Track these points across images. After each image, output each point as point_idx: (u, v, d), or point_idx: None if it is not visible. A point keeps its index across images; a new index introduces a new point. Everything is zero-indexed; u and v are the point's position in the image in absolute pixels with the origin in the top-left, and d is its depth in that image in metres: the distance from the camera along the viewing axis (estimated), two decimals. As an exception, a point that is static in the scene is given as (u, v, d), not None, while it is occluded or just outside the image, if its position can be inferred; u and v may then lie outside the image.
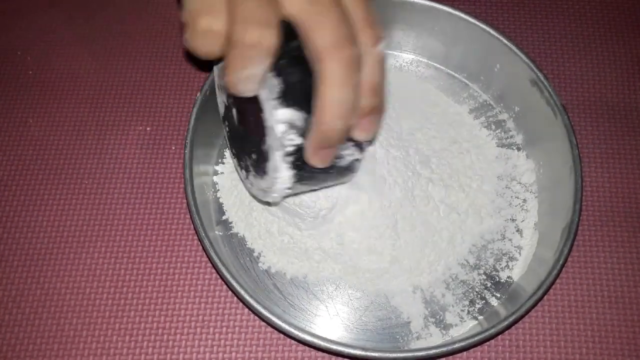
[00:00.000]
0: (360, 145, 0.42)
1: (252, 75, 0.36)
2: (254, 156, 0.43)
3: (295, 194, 0.48)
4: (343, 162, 0.43)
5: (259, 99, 0.38)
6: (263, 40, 0.34)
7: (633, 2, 0.63)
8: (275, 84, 0.37)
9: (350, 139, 0.40)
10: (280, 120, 0.38)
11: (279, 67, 0.36)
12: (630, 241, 0.53)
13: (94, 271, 0.51)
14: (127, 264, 0.52)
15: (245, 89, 0.37)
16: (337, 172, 0.43)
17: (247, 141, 0.44)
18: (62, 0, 0.63)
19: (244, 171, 0.46)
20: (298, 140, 0.39)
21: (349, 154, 0.42)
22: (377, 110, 0.39)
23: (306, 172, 0.41)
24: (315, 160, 0.40)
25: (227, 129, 0.48)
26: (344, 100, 0.36)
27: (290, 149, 0.39)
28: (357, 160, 0.43)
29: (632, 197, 0.54)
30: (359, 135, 0.40)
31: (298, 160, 0.40)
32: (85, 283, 0.51)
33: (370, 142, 0.47)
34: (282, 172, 0.40)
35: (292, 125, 0.38)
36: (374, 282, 0.49)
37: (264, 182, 0.43)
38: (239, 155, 0.47)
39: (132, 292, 0.51)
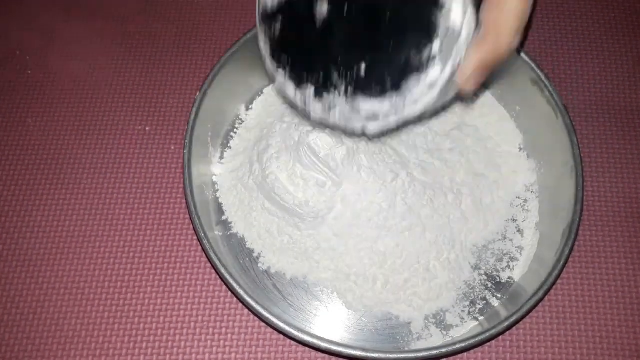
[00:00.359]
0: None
1: None
2: (363, 66, 0.34)
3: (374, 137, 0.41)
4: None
5: None
6: None
7: (634, 2, 0.63)
8: None
9: None
10: (469, 21, 0.33)
11: None
12: (632, 241, 0.52)
13: (93, 272, 0.51)
14: (126, 264, 0.51)
15: None
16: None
17: (358, 47, 0.34)
18: (62, 0, 0.63)
19: (312, 87, 0.37)
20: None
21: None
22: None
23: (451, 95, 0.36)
24: (471, 81, 0.35)
25: (278, 30, 0.37)
26: (527, 14, 0.33)
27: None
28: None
29: (633, 197, 0.54)
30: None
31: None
32: (84, 284, 0.50)
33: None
34: (437, 88, 0.34)
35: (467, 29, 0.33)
36: (374, 282, 0.49)
37: (381, 102, 0.35)
38: (311, 67, 0.36)
39: (131, 293, 0.50)
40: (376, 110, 0.35)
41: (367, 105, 0.35)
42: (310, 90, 0.37)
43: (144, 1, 0.63)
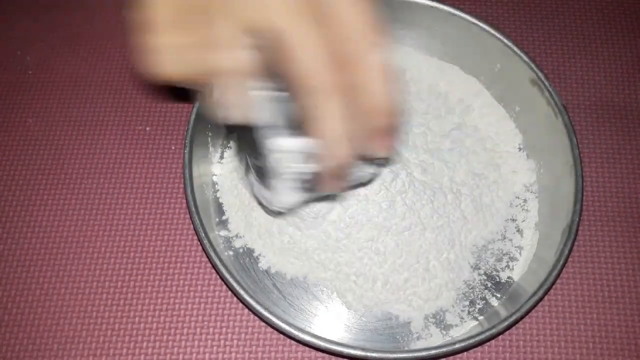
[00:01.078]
0: (379, 163, 0.41)
1: (237, 103, 0.33)
2: (258, 163, 0.39)
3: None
4: (361, 179, 0.41)
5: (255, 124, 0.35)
6: (236, 64, 0.31)
7: (632, 3, 0.63)
8: (267, 110, 0.34)
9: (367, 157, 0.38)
10: (274, 149, 0.35)
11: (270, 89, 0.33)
12: (631, 241, 0.52)
13: (94, 271, 0.51)
14: (126, 264, 0.51)
15: (232, 117, 0.34)
16: (353, 186, 0.42)
17: (253, 147, 0.39)
18: (61, 1, 0.63)
19: (246, 167, 0.43)
20: (301, 167, 0.36)
21: (368, 170, 0.41)
22: (387, 129, 0.34)
23: (316, 192, 0.40)
24: (330, 188, 0.38)
25: None
26: (340, 132, 0.32)
27: (292, 175, 0.37)
28: (375, 174, 0.42)
29: (632, 197, 0.54)
30: (375, 154, 0.36)
31: (306, 183, 0.38)
32: (85, 283, 0.50)
33: (388, 159, 0.45)
34: (282, 196, 0.39)
35: (291, 153, 0.36)
36: (374, 281, 0.49)
37: (267, 193, 0.41)
38: (243, 149, 0.43)
39: (131, 292, 0.50)
40: (265, 196, 0.42)
41: (264, 193, 0.42)
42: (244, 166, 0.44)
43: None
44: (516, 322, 0.45)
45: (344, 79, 0.31)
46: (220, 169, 0.54)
